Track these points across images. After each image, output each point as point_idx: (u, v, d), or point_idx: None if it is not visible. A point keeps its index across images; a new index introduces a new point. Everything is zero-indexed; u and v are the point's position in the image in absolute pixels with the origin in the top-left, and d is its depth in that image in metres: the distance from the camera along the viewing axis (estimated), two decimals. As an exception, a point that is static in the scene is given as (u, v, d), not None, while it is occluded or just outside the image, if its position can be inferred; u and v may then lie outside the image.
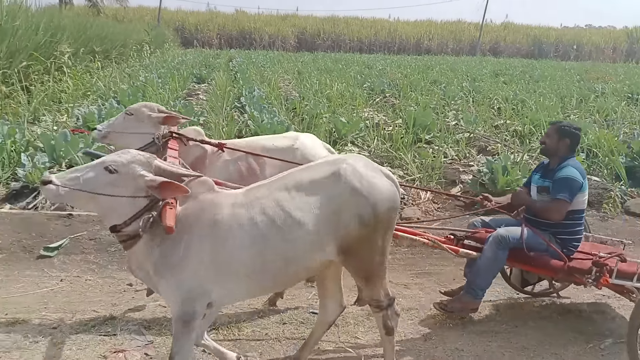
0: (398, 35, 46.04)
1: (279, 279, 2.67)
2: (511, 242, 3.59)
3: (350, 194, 2.61)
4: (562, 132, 3.75)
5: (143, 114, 3.68)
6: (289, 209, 2.54)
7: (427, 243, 3.62)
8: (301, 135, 4.08)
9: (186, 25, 42.89)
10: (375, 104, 13.50)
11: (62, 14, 17.67)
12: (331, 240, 2.62)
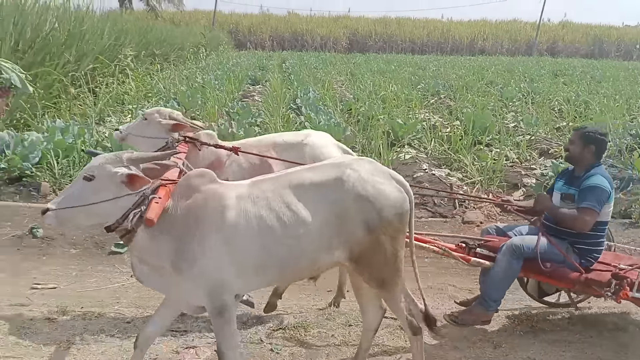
0: (451, 35, 45.31)
1: (284, 273, 2.71)
2: (526, 252, 3.43)
3: (354, 200, 2.61)
4: (586, 138, 3.54)
5: (154, 119, 3.76)
6: (294, 207, 2.57)
7: (437, 251, 3.52)
8: (313, 132, 4.08)
9: (240, 27, 43.60)
10: (431, 106, 13.34)
11: (124, 19, 18.29)
12: (340, 244, 2.63)
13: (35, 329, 3.60)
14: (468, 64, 28.34)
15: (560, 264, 3.46)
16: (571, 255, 3.46)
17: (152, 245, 2.52)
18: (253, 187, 2.64)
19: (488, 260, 3.56)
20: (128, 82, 12.46)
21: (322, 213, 2.58)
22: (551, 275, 3.50)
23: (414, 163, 7.94)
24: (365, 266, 2.71)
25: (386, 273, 2.75)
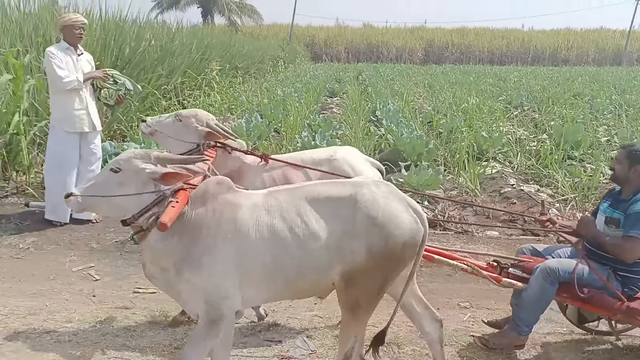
0: (532, 45, 43.95)
1: (292, 288, 2.62)
2: (561, 276, 3.18)
3: (364, 221, 2.51)
4: (633, 157, 3.24)
5: (191, 124, 3.70)
6: (308, 220, 2.51)
7: (465, 269, 3.31)
8: (340, 148, 4.00)
9: (316, 40, 44.37)
10: (514, 118, 12.95)
11: (209, 34, 19.06)
12: (338, 263, 2.53)
13: (140, 332, 3.78)
14: (551, 74, 27.32)
15: (600, 291, 3.19)
16: (613, 283, 3.20)
17: (163, 247, 2.52)
18: (269, 197, 2.61)
19: (521, 282, 3.34)
20: (213, 95, 12.96)
21: (333, 229, 2.52)
22: (589, 302, 3.23)
23: (501, 178, 7.73)
24: (351, 288, 2.57)
25: (364, 301, 2.62)
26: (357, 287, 2.56)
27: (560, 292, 3.25)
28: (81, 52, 5.33)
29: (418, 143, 8.27)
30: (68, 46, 5.17)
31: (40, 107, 6.89)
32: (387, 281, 2.63)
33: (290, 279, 2.55)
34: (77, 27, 5.16)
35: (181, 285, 2.53)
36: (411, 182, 6.89)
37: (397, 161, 8.18)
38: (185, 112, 3.82)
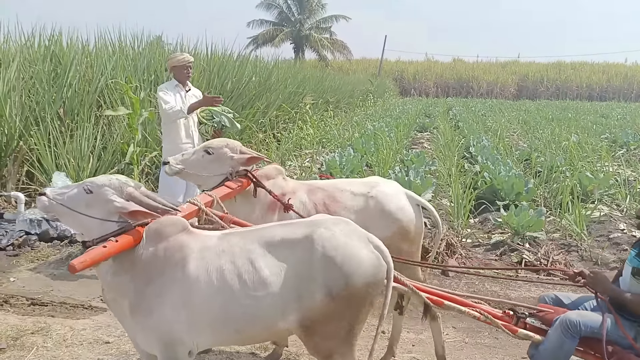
0: (636, 80, 41.49)
1: (243, 335, 2.48)
2: (583, 330, 2.81)
3: (321, 261, 2.37)
4: None
5: (225, 154, 3.56)
6: (258, 265, 2.39)
7: (478, 318, 3.00)
8: (381, 181, 3.78)
9: (405, 75, 44.45)
10: (620, 158, 12.18)
11: (303, 68, 19.65)
12: (294, 309, 2.39)
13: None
14: (659, 111, 25.60)
15: (628, 350, 2.81)
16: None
17: (112, 281, 2.47)
18: (222, 240, 2.52)
19: (539, 334, 3.01)
20: (306, 128, 13.26)
21: (285, 273, 2.39)
22: None
23: (609, 222, 7.24)
24: (313, 335, 2.44)
25: (335, 346, 2.47)
26: (319, 334, 2.44)
27: (582, 349, 2.94)
28: (189, 89, 5.62)
29: (517, 182, 7.97)
30: (177, 83, 5.46)
31: (150, 139, 7.35)
32: (355, 325, 2.47)
33: (239, 328, 2.45)
34: (185, 67, 5.43)
35: (136, 326, 2.48)
36: (511, 223, 6.62)
37: (494, 200, 7.91)
38: (213, 143, 3.67)
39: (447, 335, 4.51)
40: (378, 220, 3.52)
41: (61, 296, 4.76)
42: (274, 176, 3.68)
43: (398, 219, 3.54)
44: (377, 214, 3.54)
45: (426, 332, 4.58)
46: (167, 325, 2.41)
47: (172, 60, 5.55)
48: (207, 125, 5.83)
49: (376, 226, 3.43)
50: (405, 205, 3.61)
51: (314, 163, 10.07)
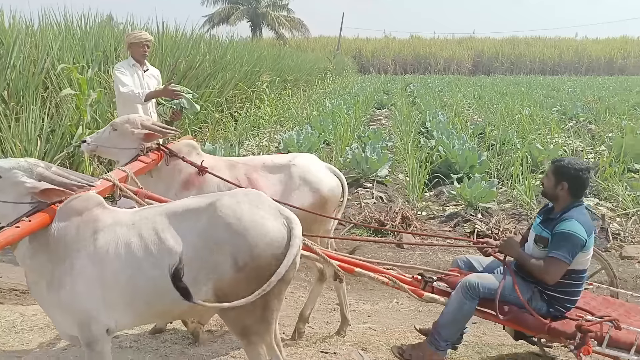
0: (586, 54, 42.72)
1: (156, 309, 2.47)
2: (481, 292, 2.99)
3: (225, 230, 2.35)
4: (559, 173, 3.05)
5: (126, 130, 3.66)
6: (164, 236, 2.38)
7: (387, 283, 3.15)
8: (300, 154, 3.96)
9: (363, 52, 44.48)
10: (570, 130, 12.57)
11: (260, 47, 19.40)
12: (207, 280, 2.37)
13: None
14: (607, 84, 26.46)
15: (523, 309, 3.00)
16: (538, 302, 3.01)
17: (32, 262, 2.46)
18: (134, 214, 2.51)
19: (446, 297, 3.16)
20: (263, 107, 13.15)
21: (192, 243, 2.37)
22: (510, 321, 3.03)
23: (557, 191, 7.49)
24: (229, 309, 2.38)
25: (250, 321, 2.44)
26: (236, 308, 2.36)
27: (481, 309, 3.08)
28: (147, 68, 5.45)
29: (470, 155, 8.14)
30: (134, 62, 5.29)
31: (101, 120, 7.16)
32: (269, 300, 2.42)
33: (150, 301, 2.41)
34: (142, 45, 5.26)
35: (52, 307, 2.46)
36: (464, 195, 6.78)
37: (449, 173, 8.08)
38: (117, 120, 3.79)
39: (402, 304, 4.63)
40: (300, 190, 3.66)
41: (10, 282, 4.64)
42: (186, 152, 3.71)
43: (319, 189, 3.68)
44: (299, 185, 3.66)
45: (381, 303, 4.70)
46: (80, 303, 2.38)
47: (129, 37, 5.37)
48: (165, 107, 5.71)
49: (298, 196, 3.64)
50: (326, 176, 3.75)
51: (271, 142, 10.02)
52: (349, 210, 6.59)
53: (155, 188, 3.46)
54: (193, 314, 2.61)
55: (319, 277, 3.94)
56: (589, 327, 2.80)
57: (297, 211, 3.57)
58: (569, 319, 2.97)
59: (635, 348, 2.77)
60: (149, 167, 3.59)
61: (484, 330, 4.05)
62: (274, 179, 3.68)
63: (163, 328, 3.94)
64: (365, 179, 7.94)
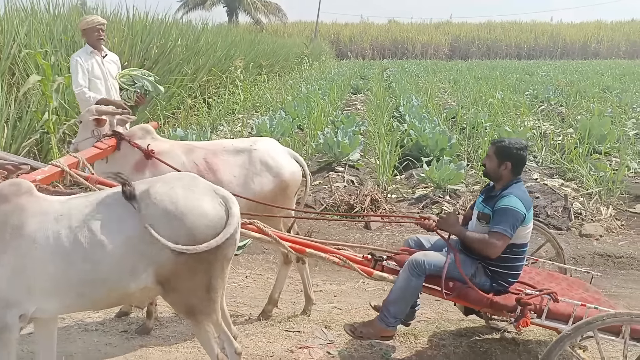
0: (561, 38, 43.20)
1: (90, 300, 2.44)
2: (427, 269, 3.10)
3: (161, 215, 2.34)
4: (501, 152, 3.16)
5: (87, 119, 3.76)
6: (94, 227, 2.33)
7: (337, 263, 3.24)
8: (260, 139, 4.01)
9: (341, 37, 44.35)
10: (540, 113, 12.78)
11: (233, 32, 19.26)
12: (146, 267, 2.37)
13: (164, 322, 3.90)
14: (580, 68, 26.86)
15: (466, 285, 3.11)
16: (481, 277, 3.13)
17: None
18: (63, 204, 2.43)
19: (395, 275, 3.26)
20: (238, 93, 13.10)
21: (127, 232, 2.34)
22: (455, 296, 3.15)
23: (524, 172, 7.65)
24: (172, 292, 2.43)
25: (195, 302, 2.47)
26: (176, 289, 2.42)
27: (428, 286, 3.19)
28: (106, 54, 5.33)
29: (440, 138, 8.25)
30: (92, 50, 5.16)
31: (68, 107, 7.10)
32: (212, 280, 2.45)
33: (82, 292, 2.38)
34: (96, 30, 5.10)
35: None
36: (433, 177, 6.89)
37: (420, 156, 8.18)
38: (82, 112, 3.89)
39: (368, 284, 4.73)
40: (261, 174, 3.68)
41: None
42: (141, 136, 3.73)
43: (280, 173, 3.72)
44: (260, 170, 3.68)
45: (348, 283, 4.79)
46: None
47: (81, 23, 5.23)
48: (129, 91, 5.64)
49: (259, 180, 3.66)
50: (287, 161, 3.78)
51: (244, 127, 10.02)
52: (319, 194, 6.67)
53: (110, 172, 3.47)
54: (129, 301, 2.60)
55: (284, 260, 4.00)
56: (528, 300, 2.91)
57: (259, 193, 3.66)
58: (511, 293, 3.08)
59: (573, 320, 2.87)
60: (105, 153, 3.60)
61: (446, 307, 4.16)
62: (234, 164, 3.69)
63: (129, 311, 3.99)
64: (337, 163, 8.01)
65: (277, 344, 3.65)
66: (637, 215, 6.06)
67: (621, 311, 2.75)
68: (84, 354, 3.48)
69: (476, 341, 3.68)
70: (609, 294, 4.53)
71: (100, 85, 5.24)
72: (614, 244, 5.21)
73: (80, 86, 4.99)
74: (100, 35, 5.17)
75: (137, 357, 3.48)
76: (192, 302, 2.47)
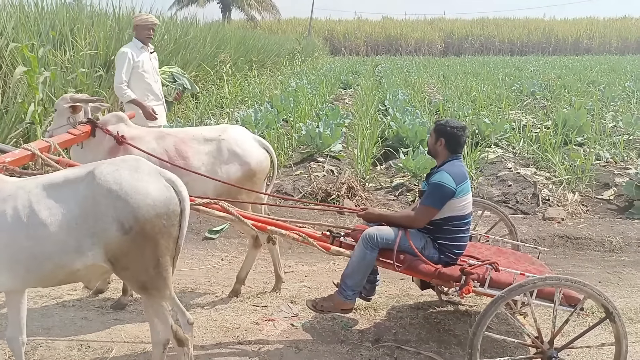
0: (554, 34, 43.41)
1: (38, 276, 2.54)
2: (380, 242, 3.27)
3: (106, 195, 2.44)
4: (437, 130, 3.37)
5: (62, 107, 3.92)
6: (37, 207, 2.45)
7: (297, 239, 3.40)
8: (230, 127, 4.10)
9: (335, 34, 44.42)
10: (524, 106, 13.00)
11: (224, 28, 19.41)
12: (93, 245, 2.47)
13: (138, 298, 4.09)
14: (571, 64, 27.07)
15: (416, 257, 3.29)
16: (430, 250, 3.32)
17: None
18: (13, 185, 2.56)
19: (351, 250, 3.43)
20: (226, 87, 13.28)
21: (70, 212, 2.46)
22: (406, 268, 3.31)
23: (500, 162, 7.88)
24: (122, 269, 2.56)
25: (146, 278, 2.59)
26: (127, 267, 2.55)
27: (381, 259, 3.36)
28: (153, 50, 5.60)
29: (420, 129, 8.45)
30: (142, 45, 5.43)
31: (55, 99, 7.27)
32: (160, 257, 2.57)
33: (29, 268, 2.50)
34: (148, 28, 5.41)
35: None
36: (409, 166, 7.11)
37: (400, 147, 8.39)
38: (57, 100, 4.06)
39: (338, 265, 4.93)
40: (229, 162, 3.84)
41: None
42: (114, 123, 3.90)
43: (247, 161, 3.88)
44: (228, 157, 3.84)
45: (319, 264, 5.00)
46: None
47: (136, 19, 5.57)
48: (169, 87, 5.87)
49: (226, 168, 3.82)
50: (254, 148, 3.94)
51: (231, 120, 10.20)
52: (298, 182, 6.87)
53: (84, 158, 3.66)
54: (78, 279, 2.72)
55: (253, 243, 4.19)
56: (471, 270, 3.11)
57: (227, 180, 3.83)
58: (458, 265, 3.27)
59: None
60: (78, 139, 3.78)
61: (410, 285, 4.37)
62: (203, 151, 3.85)
63: (104, 288, 4.19)
64: (319, 154, 8.21)
65: (244, 317, 3.86)
66: (603, 202, 6.28)
67: (551, 275, 2.96)
68: (61, 327, 3.69)
69: (432, 313, 3.90)
70: (567, 272, 4.76)
71: (149, 79, 5.51)
72: (575, 227, 5.43)
73: (122, 81, 5.27)
74: (150, 34, 5.52)
75: (112, 330, 3.69)
76: (143, 279, 2.60)
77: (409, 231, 3.32)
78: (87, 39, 8.71)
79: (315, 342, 3.56)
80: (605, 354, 3.36)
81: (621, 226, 5.52)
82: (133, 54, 5.33)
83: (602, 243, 5.19)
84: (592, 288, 2.81)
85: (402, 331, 3.68)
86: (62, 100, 3.98)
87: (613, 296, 4.09)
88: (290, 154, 8.33)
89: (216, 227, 5.54)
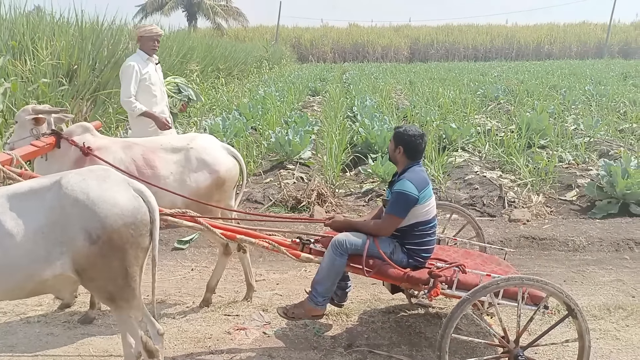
0: (516, 40, 44.36)
1: (6, 287, 2.50)
2: (349, 248, 3.30)
3: (73, 205, 2.44)
4: (396, 137, 3.40)
5: (23, 119, 3.86)
6: (2, 218, 2.42)
7: (267, 247, 3.41)
8: (199, 136, 4.09)
9: (302, 41, 44.45)
10: (489, 111, 13.27)
11: (191, 37, 19.28)
12: (61, 254, 2.45)
13: (108, 310, 4.03)
14: (533, 68, 27.72)
15: (384, 262, 3.33)
16: (399, 255, 3.36)
17: None
18: None
19: (321, 257, 3.43)
20: (194, 96, 13.16)
21: (37, 222, 2.44)
22: (375, 273, 3.32)
23: (467, 166, 8.02)
24: (89, 279, 2.54)
25: (114, 288, 2.58)
26: (96, 278, 2.53)
27: (351, 264, 3.39)
28: (157, 62, 5.48)
29: (388, 135, 8.52)
30: (148, 57, 5.31)
31: (16, 110, 7.10)
32: (128, 267, 2.56)
33: None
34: (153, 39, 5.29)
35: None
36: (378, 172, 7.17)
37: (369, 153, 8.46)
38: (18, 112, 3.99)
39: (309, 272, 4.93)
40: (198, 171, 3.83)
41: None
42: (79, 134, 3.83)
43: (216, 169, 3.87)
44: (196, 166, 3.82)
45: (291, 272, 5.00)
46: None
47: (140, 30, 5.43)
48: (174, 99, 5.76)
49: (195, 177, 3.81)
50: (223, 157, 3.94)
51: (198, 129, 10.13)
52: (269, 190, 6.86)
53: (49, 170, 3.56)
54: (47, 290, 2.66)
55: (223, 251, 4.17)
56: (439, 272, 3.16)
57: (196, 189, 3.81)
58: (426, 268, 3.32)
59: None
60: (42, 151, 3.70)
61: (381, 289, 4.40)
62: (172, 160, 3.82)
63: (71, 303, 4.10)
64: (288, 161, 8.22)
65: (215, 327, 3.83)
66: (566, 203, 6.45)
67: (514, 275, 3.03)
68: (25, 344, 3.59)
69: (403, 317, 3.94)
70: (533, 272, 4.87)
71: (156, 91, 5.41)
72: (539, 228, 5.56)
73: (130, 95, 5.15)
74: (156, 46, 5.37)
75: (79, 344, 3.61)
76: (111, 289, 2.59)
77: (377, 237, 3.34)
78: (49, 49, 8.55)
79: (288, 349, 3.56)
80: (572, 350, 3.44)
81: (584, 226, 5.68)
82: (139, 67, 5.21)
83: (566, 243, 5.33)
84: (553, 286, 2.89)
85: (374, 335, 3.71)
86: (23, 112, 3.89)
87: (577, 294, 4.22)
88: (259, 162, 8.31)
89: (185, 237, 5.48)
